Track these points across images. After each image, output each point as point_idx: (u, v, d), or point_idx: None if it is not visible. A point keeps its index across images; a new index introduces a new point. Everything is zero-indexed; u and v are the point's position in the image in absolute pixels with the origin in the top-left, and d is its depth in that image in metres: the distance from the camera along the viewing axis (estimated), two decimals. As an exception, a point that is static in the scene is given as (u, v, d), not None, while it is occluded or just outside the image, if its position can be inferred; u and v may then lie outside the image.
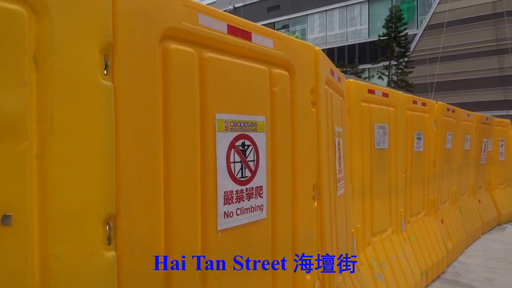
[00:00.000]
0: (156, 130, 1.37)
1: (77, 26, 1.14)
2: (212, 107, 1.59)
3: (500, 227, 8.03)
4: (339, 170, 2.83)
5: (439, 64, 31.10)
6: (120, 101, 1.26)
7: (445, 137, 5.60)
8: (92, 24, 1.18)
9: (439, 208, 5.62)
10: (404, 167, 4.40)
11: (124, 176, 1.26)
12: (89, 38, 1.17)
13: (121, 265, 1.25)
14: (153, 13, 1.37)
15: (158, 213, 1.38)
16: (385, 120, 3.95)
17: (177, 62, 1.45)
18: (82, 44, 1.15)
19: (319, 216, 2.31)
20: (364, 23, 37.55)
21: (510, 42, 29.17)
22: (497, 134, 8.65)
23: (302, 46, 2.18)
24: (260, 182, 1.84)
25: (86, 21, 1.16)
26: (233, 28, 1.69)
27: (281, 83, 1.99)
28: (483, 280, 4.94)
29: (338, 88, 2.97)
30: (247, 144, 1.76)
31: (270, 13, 42.02)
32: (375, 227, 3.82)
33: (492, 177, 8.54)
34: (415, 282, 4.20)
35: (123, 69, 1.27)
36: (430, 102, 5.18)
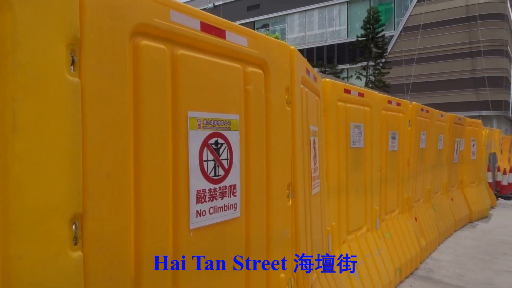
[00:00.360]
0: (126, 128, 1.35)
1: (41, 20, 1.10)
2: (184, 105, 1.58)
3: (472, 225, 8.26)
4: (314, 168, 2.85)
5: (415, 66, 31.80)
6: (87, 98, 1.23)
7: (419, 136, 5.72)
8: (58, 18, 1.14)
9: (413, 206, 5.74)
10: (379, 166, 4.47)
11: (92, 175, 1.23)
12: (54, 32, 1.13)
13: (88, 265, 1.22)
14: (123, 8, 1.34)
15: (127, 212, 1.36)
16: (360, 120, 4.00)
17: (148, 59, 1.42)
18: (47, 38, 1.12)
19: (294, 214, 2.32)
20: (343, 24, 38.03)
21: (482, 45, 30.08)
22: (469, 134, 8.89)
23: (277, 45, 2.18)
24: (234, 181, 1.83)
25: (52, 15, 1.13)
26: (206, 25, 1.68)
27: (256, 82, 1.99)
28: (454, 276, 5.07)
29: (314, 88, 2.99)
30: (220, 142, 1.74)
31: (250, 12, 42.04)
32: (350, 225, 3.86)
33: (464, 176, 8.77)
34: (389, 279, 4.27)
35: (91, 65, 1.24)
36: (405, 102, 5.28)
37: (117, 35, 1.31)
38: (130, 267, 1.38)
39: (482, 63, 30.07)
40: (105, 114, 1.27)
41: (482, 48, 30.05)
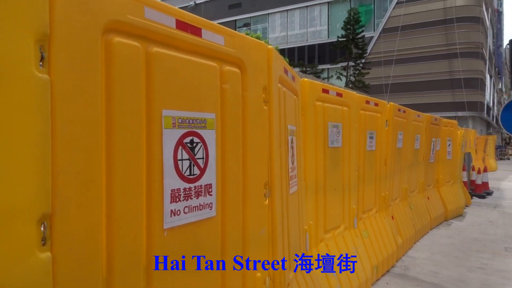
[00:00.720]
0: (97, 126, 1.32)
1: (8, 15, 1.07)
2: (159, 103, 1.56)
3: (447, 223, 8.45)
4: (292, 168, 2.87)
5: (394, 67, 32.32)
6: (57, 95, 1.20)
7: (396, 136, 5.82)
8: (26, 13, 1.11)
9: (390, 204, 5.83)
10: (357, 165, 4.52)
11: (61, 174, 1.21)
12: (22, 28, 1.10)
13: (57, 266, 1.20)
14: (95, 4, 1.31)
15: (99, 211, 1.33)
16: (339, 119, 4.04)
17: (121, 56, 1.40)
18: (14, 33, 1.09)
19: (270, 213, 2.32)
20: (323, 24, 38.36)
21: (459, 47, 30.80)
22: (445, 134, 9.09)
23: (255, 44, 2.18)
24: (210, 180, 1.82)
25: (19, 10, 1.10)
26: (182, 23, 1.66)
27: (232, 81, 1.98)
28: (429, 273, 5.18)
29: (292, 87, 3.00)
30: (196, 141, 1.73)
31: (232, 11, 41.94)
32: (328, 224, 3.90)
33: (440, 175, 8.97)
34: (366, 277, 4.33)
35: (61, 62, 1.21)
36: (382, 103, 5.36)
37: (88, 32, 1.29)
38: (101, 267, 1.36)
39: (458, 65, 30.82)
40: (75, 111, 1.25)
41: (459, 50, 30.79)
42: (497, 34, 51.12)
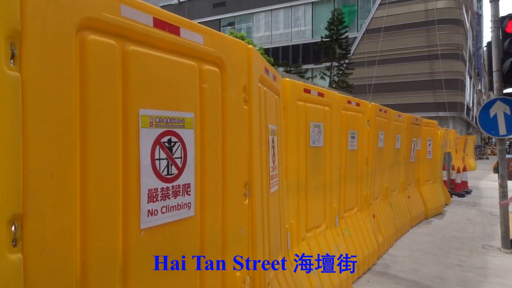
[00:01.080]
0: (71, 125, 1.30)
1: (-24, 11, 1.05)
2: (135, 102, 1.54)
3: (427, 221, 8.60)
4: (273, 167, 2.87)
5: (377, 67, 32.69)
6: (29, 93, 1.17)
7: (377, 136, 5.89)
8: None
9: (371, 203, 5.90)
10: (338, 164, 4.56)
11: (33, 173, 1.19)
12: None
13: (29, 268, 1.17)
14: (69, 1, 1.29)
15: (73, 211, 1.31)
16: (320, 119, 4.07)
17: (96, 54, 1.38)
18: (-17, 30, 1.06)
19: (250, 213, 2.32)
20: (308, 24, 38.52)
21: (440, 48, 31.33)
22: (426, 134, 9.24)
23: (234, 44, 2.18)
24: (188, 180, 1.81)
25: (-12, 5, 1.07)
26: (159, 21, 1.65)
27: (212, 80, 1.98)
28: (409, 271, 5.26)
29: (273, 87, 3.01)
30: (174, 140, 1.72)
31: (216, 10, 41.77)
32: (309, 223, 3.92)
33: (421, 175, 9.12)
34: (347, 275, 4.37)
35: (33, 59, 1.19)
36: (364, 103, 5.42)
37: (62, 29, 1.26)
38: (76, 268, 1.33)
39: (439, 66, 31.34)
40: (48, 110, 1.23)
41: (440, 51, 31.32)
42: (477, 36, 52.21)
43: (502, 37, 6.55)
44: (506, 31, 6.51)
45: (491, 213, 9.41)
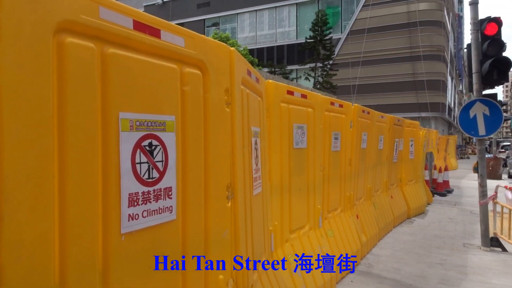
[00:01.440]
0: (49, 129, 1.28)
1: None
2: (115, 105, 1.53)
3: (409, 220, 8.73)
4: (256, 169, 2.88)
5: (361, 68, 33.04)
6: (4, 97, 1.15)
7: (360, 137, 5.95)
8: (-31, 12, 1.06)
9: (355, 204, 5.96)
10: (322, 165, 4.59)
11: (9, 178, 1.16)
12: (-36, 26, 1.06)
13: (4, 276, 1.15)
14: (46, 3, 1.27)
15: (50, 217, 1.29)
16: (303, 121, 4.09)
17: (74, 57, 1.36)
18: (-45, 33, 1.04)
19: (233, 215, 2.32)
20: (292, 25, 38.67)
21: (422, 50, 31.82)
22: (408, 135, 9.38)
23: (216, 46, 2.18)
24: (169, 183, 1.80)
25: (-39, 8, 1.05)
26: (139, 24, 1.64)
27: (193, 83, 1.97)
28: (391, 270, 5.33)
29: (256, 89, 3.01)
30: (154, 144, 1.71)
31: (200, 10, 41.60)
32: (293, 224, 3.94)
33: (403, 175, 9.25)
34: (331, 276, 4.41)
35: (9, 62, 1.16)
36: (347, 104, 5.47)
37: (38, 32, 1.24)
38: (54, 275, 1.31)
39: (421, 67, 31.83)
40: (24, 114, 1.20)
41: (422, 53, 31.81)
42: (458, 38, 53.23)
43: (481, 40, 6.70)
44: (485, 33, 6.65)
45: (471, 212, 9.60)
